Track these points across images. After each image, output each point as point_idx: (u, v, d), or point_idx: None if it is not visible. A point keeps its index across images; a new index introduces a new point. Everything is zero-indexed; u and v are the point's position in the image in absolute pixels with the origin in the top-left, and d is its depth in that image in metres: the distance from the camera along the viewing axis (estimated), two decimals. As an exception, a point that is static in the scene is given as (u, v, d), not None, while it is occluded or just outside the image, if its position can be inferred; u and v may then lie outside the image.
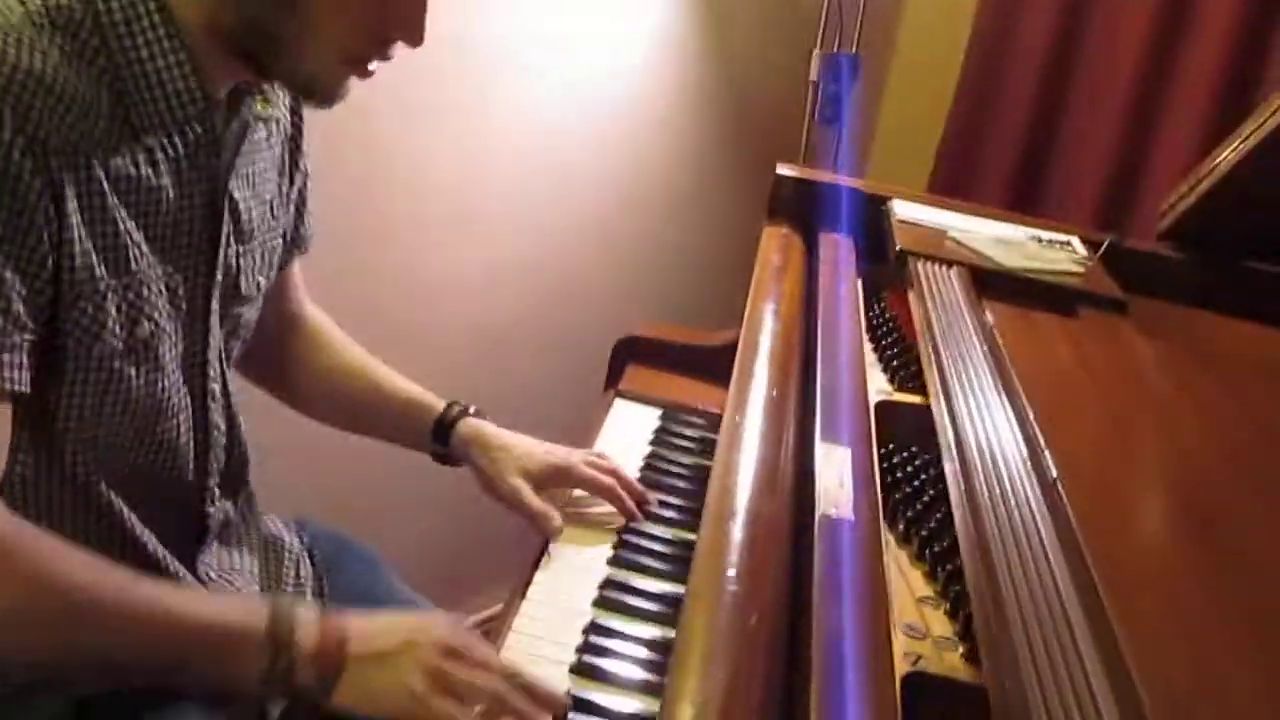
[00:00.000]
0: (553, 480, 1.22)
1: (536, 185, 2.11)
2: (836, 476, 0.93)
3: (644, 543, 1.18)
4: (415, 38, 0.94)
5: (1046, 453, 0.90)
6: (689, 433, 1.49)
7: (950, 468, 0.91)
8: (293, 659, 0.85)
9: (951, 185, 2.44)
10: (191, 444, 1.01)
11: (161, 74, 0.88)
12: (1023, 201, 2.39)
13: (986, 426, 0.97)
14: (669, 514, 1.25)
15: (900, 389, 1.26)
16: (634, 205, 2.29)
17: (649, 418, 1.52)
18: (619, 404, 1.55)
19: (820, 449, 0.97)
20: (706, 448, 1.44)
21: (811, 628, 0.73)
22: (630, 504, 1.21)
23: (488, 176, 2.02)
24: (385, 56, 0.95)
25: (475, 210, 2.02)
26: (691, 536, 1.18)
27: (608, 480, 1.22)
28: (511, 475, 1.20)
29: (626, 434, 1.48)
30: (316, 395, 1.28)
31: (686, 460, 1.41)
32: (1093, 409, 1.04)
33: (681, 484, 1.34)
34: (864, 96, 2.45)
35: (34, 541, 0.81)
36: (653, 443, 1.46)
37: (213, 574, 1.07)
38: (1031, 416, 0.96)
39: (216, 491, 1.07)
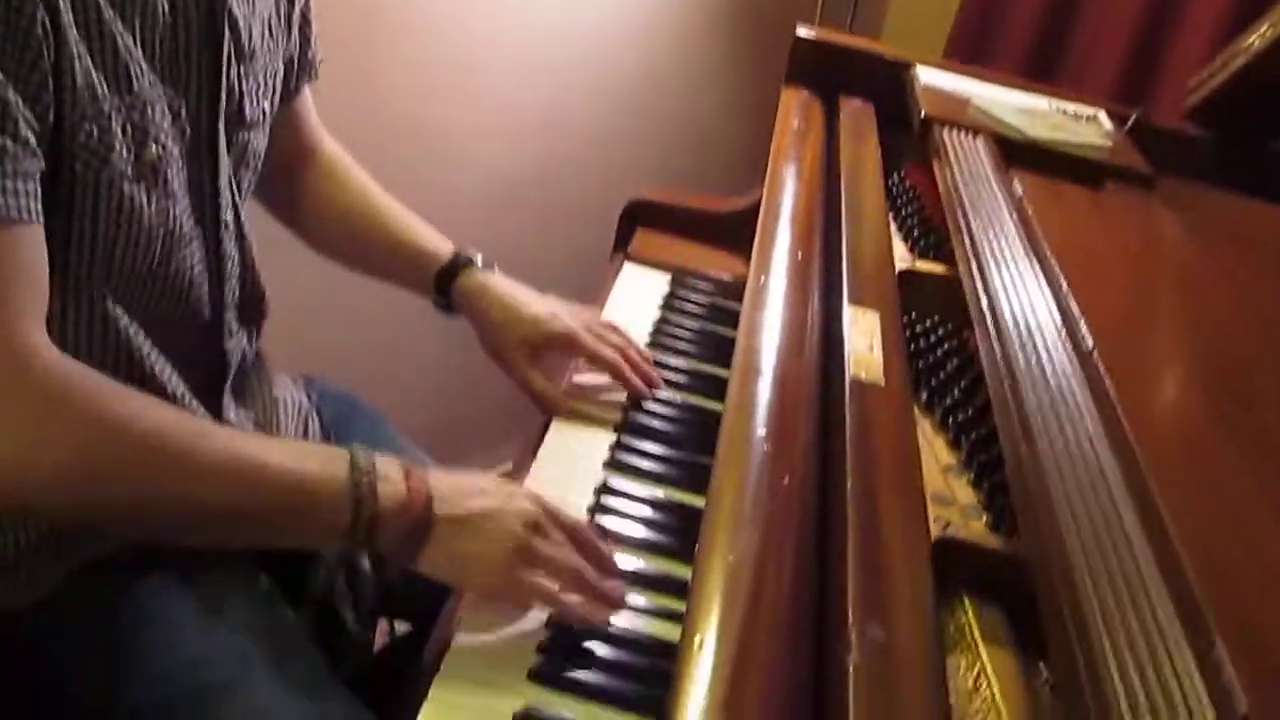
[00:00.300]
0: (557, 351, 1.18)
1: (550, 42, 2.04)
2: (866, 341, 0.91)
3: (654, 407, 1.17)
4: None
5: (1081, 322, 0.88)
6: (698, 298, 1.46)
7: (985, 338, 0.89)
8: (376, 514, 0.80)
9: (969, 52, 2.37)
10: (206, 275, 0.97)
11: None
12: (1041, 72, 2.32)
13: (1020, 296, 0.94)
14: (678, 379, 1.24)
15: (921, 258, 1.23)
16: (648, 68, 2.22)
17: (658, 282, 1.50)
18: (628, 268, 1.52)
19: (848, 312, 0.95)
20: (716, 313, 1.43)
21: (845, 490, 0.72)
22: (637, 382, 1.17)
23: (498, 29, 1.95)
24: None
25: (484, 62, 1.95)
26: (699, 401, 1.19)
27: (612, 355, 1.17)
28: (512, 346, 1.16)
29: (635, 298, 1.45)
30: (327, 232, 1.23)
31: (695, 325, 1.39)
32: (1125, 282, 1.02)
33: (691, 348, 1.33)
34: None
35: (95, 384, 0.78)
36: (662, 307, 1.43)
37: (233, 419, 1.05)
38: (1064, 287, 0.94)
39: (234, 325, 1.03)
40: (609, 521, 0.98)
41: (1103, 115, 1.53)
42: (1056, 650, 0.60)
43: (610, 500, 1.01)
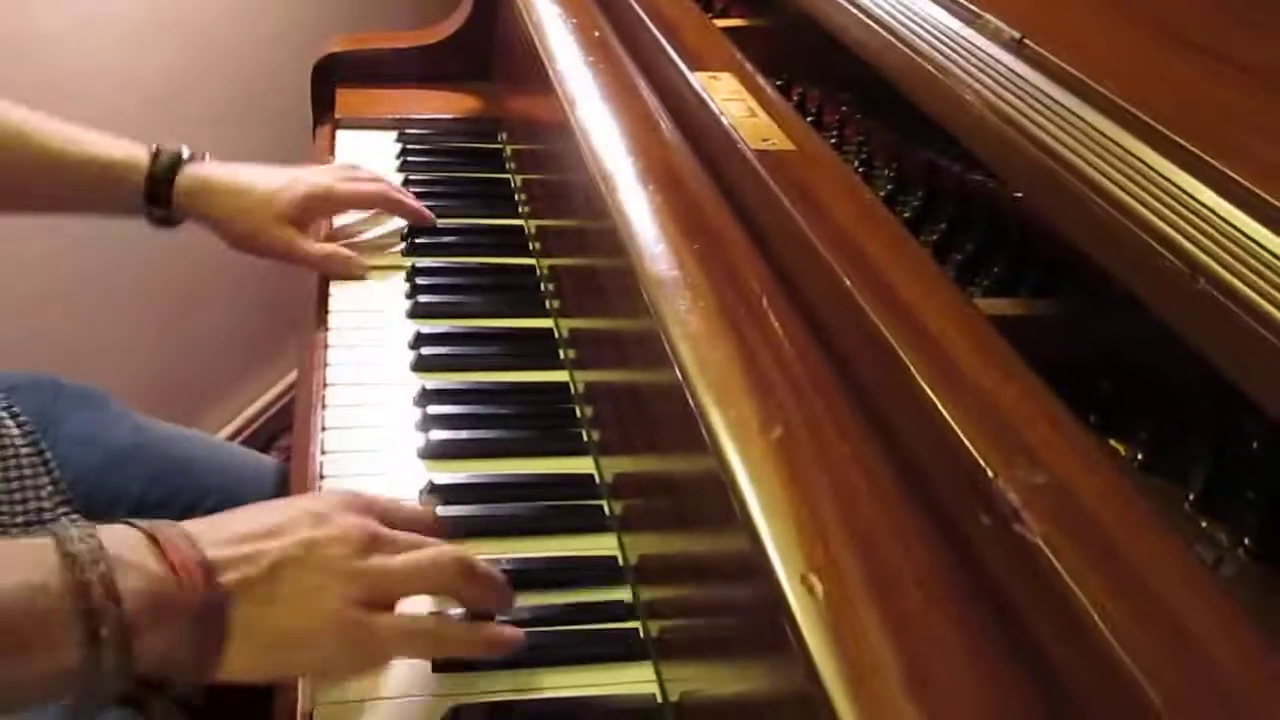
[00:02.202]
0: (314, 211, 1.00)
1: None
2: (741, 106, 0.68)
3: (433, 280, 0.98)
4: None
5: (988, 15, 0.69)
6: (439, 146, 1.21)
7: (884, 50, 0.68)
8: (126, 624, 0.49)
9: None
10: None
11: None
12: None
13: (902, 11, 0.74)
14: (449, 240, 1.05)
15: (720, 17, 1.00)
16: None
17: (385, 143, 1.22)
18: (342, 136, 1.24)
19: (697, 79, 0.71)
20: (464, 159, 1.19)
21: (847, 294, 0.50)
22: (414, 203, 1.03)
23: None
24: None
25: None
26: (483, 260, 1.02)
27: (377, 188, 1.03)
28: (272, 225, 0.96)
29: (366, 168, 1.17)
30: None
31: (443, 175, 1.17)
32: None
33: (451, 204, 1.10)
34: None
35: None
36: (401, 169, 1.16)
37: None
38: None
39: None
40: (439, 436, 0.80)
41: None
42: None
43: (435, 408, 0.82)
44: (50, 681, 0.50)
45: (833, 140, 0.82)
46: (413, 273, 0.98)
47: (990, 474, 0.39)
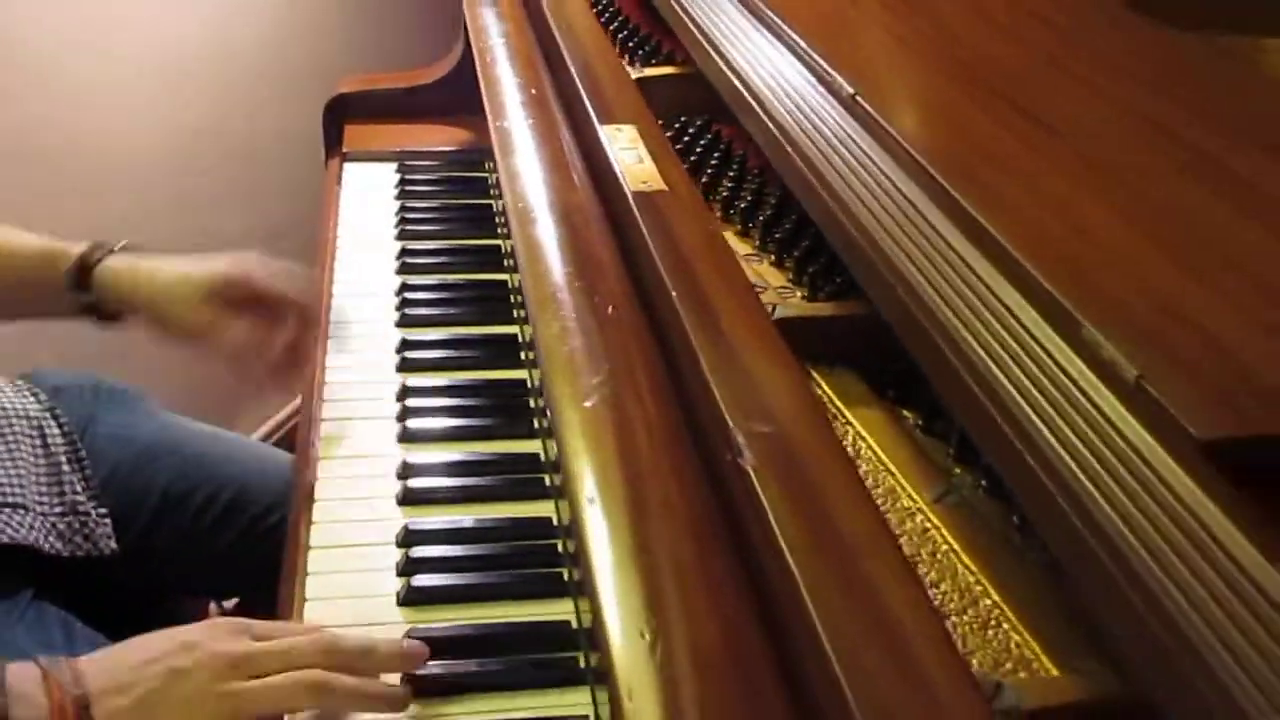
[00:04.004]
0: (233, 294, 0.98)
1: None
2: (633, 154, 0.86)
3: (422, 295, 1.14)
4: None
5: (833, 72, 0.86)
6: (430, 176, 1.40)
7: (748, 114, 0.86)
8: None
9: None
10: None
11: None
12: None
13: (763, 66, 0.91)
14: (438, 260, 1.21)
15: (646, 65, 1.18)
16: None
17: (386, 172, 1.41)
18: (350, 168, 1.42)
19: (604, 132, 0.89)
20: (454, 185, 1.37)
21: (673, 301, 0.67)
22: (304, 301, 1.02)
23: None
24: None
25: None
26: (466, 277, 1.17)
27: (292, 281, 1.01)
28: (190, 309, 0.96)
29: (367, 195, 1.36)
30: None
31: (436, 204, 1.34)
32: (854, 21, 1.00)
33: (440, 228, 1.29)
34: None
35: None
36: (399, 196, 1.35)
37: None
38: (802, 44, 0.91)
39: None
40: (415, 424, 0.94)
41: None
42: (938, 377, 0.58)
43: (413, 401, 0.98)
44: None
45: (734, 169, 0.99)
46: (402, 288, 1.16)
47: (731, 425, 0.57)
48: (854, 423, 0.70)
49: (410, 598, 0.76)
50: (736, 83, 0.89)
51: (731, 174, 0.97)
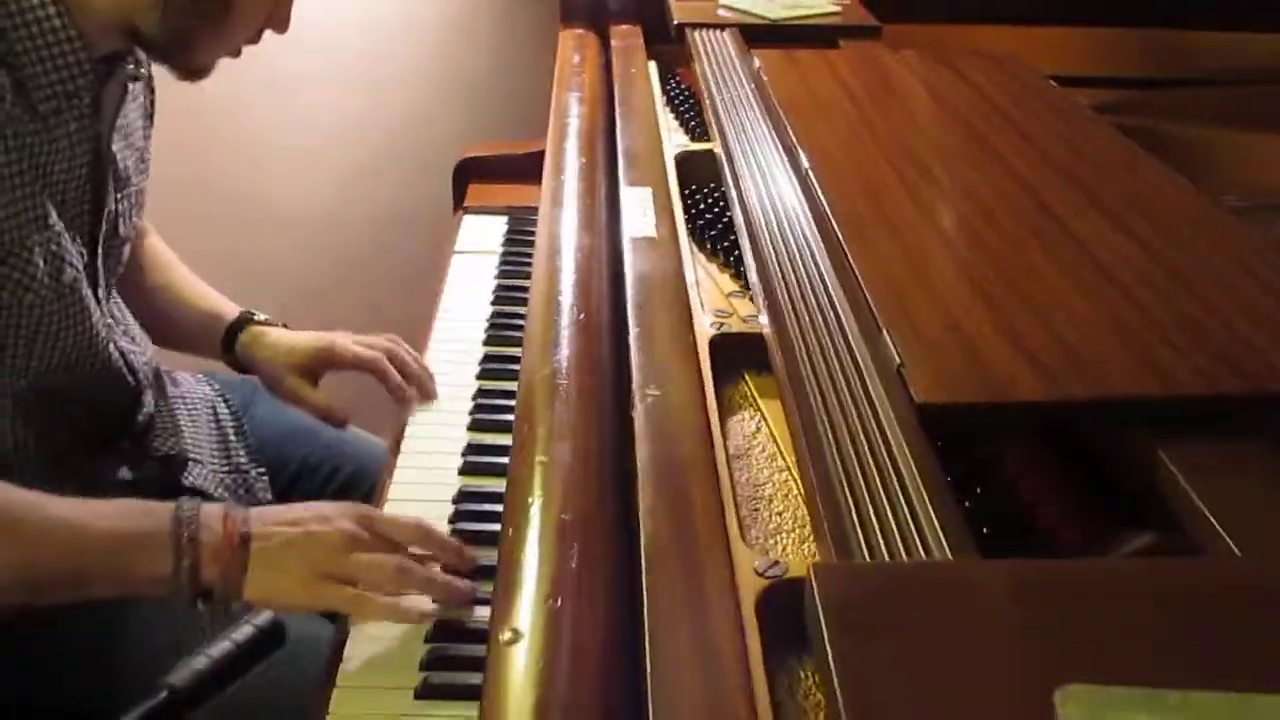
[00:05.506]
0: (320, 364, 1.28)
1: (346, 42, 2.22)
2: (640, 210, 1.12)
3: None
4: (285, 29, 1.10)
5: (800, 152, 1.11)
6: (533, 227, 1.67)
7: (731, 183, 1.11)
8: (197, 558, 0.89)
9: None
10: (117, 367, 1.15)
11: (53, 48, 0.97)
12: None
13: (753, 147, 1.17)
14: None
15: (695, 140, 1.45)
16: (438, 41, 2.40)
17: (497, 224, 1.70)
18: (466, 219, 1.72)
19: (626, 192, 1.16)
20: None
21: (628, 312, 0.93)
22: (396, 378, 1.24)
23: (300, 39, 2.12)
24: (255, 42, 1.09)
25: (292, 78, 2.13)
26: None
27: (373, 355, 1.26)
28: (286, 375, 1.28)
29: (479, 241, 1.65)
30: (140, 312, 1.32)
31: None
32: (838, 113, 1.24)
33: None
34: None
35: None
36: (504, 243, 1.64)
37: (143, 450, 1.23)
38: (786, 128, 1.16)
39: (144, 393, 1.22)
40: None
41: (838, -15, 1.76)
42: (785, 372, 0.83)
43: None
44: (152, 584, 0.90)
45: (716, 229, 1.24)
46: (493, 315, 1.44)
47: (635, 386, 0.83)
48: (763, 410, 0.95)
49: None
50: (723, 156, 1.15)
51: (734, 230, 1.23)
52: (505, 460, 0.92)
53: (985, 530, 0.70)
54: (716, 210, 1.28)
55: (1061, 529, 0.76)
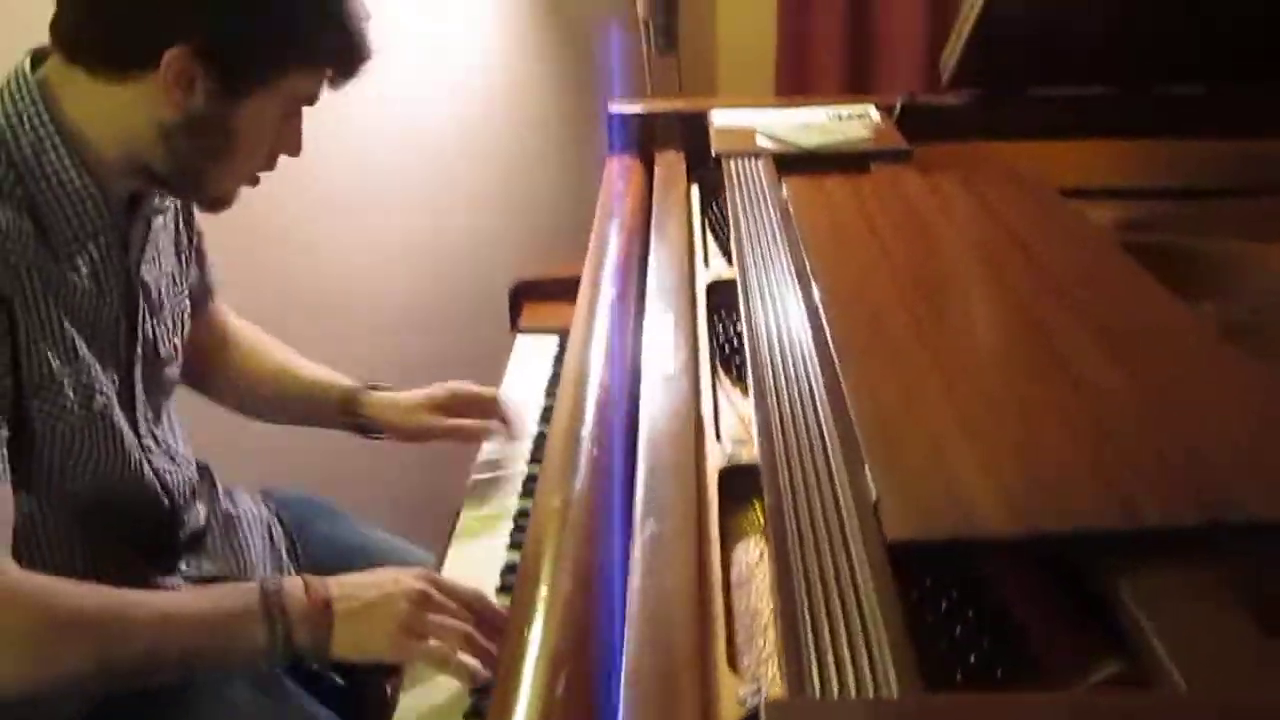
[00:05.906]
0: (453, 405, 1.48)
1: (408, 165, 2.36)
2: (662, 342, 1.18)
3: None
4: (297, 152, 1.19)
5: (812, 279, 1.16)
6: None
7: (745, 313, 1.16)
8: (290, 625, 1.01)
9: (794, 87, 2.68)
10: (151, 486, 1.24)
11: (71, 196, 1.07)
12: (857, 85, 2.63)
13: (771, 277, 1.22)
14: None
15: (729, 265, 1.50)
16: (497, 168, 2.53)
17: (548, 344, 1.78)
18: (520, 339, 1.80)
19: (650, 324, 1.22)
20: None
21: (639, 443, 0.99)
22: (506, 410, 1.48)
23: (365, 165, 2.27)
24: (270, 169, 1.19)
25: (358, 200, 2.27)
26: None
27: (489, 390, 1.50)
28: (421, 419, 1.46)
29: (531, 361, 1.73)
30: (255, 399, 1.53)
31: None
32: (857, 238, 1.29)
33: None
34: (698, 21, 2.69)
35: (38, 584, 0.98)
36: (554, 364, 1.71)
37: (196, 567, 1.32)
38: (805, 257, 1.22)
39: (188, 510, 1.31)
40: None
41: (872, 109, 1.82)
42: (769, 501, 0.86)
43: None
44: (249, 655, 1.02)
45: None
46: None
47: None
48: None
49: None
50: (741, 286, 1.20)
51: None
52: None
53: (973, 658, 0.73)
54: (741, 337, 1.33)
55: (1045, 655, 0.78)
